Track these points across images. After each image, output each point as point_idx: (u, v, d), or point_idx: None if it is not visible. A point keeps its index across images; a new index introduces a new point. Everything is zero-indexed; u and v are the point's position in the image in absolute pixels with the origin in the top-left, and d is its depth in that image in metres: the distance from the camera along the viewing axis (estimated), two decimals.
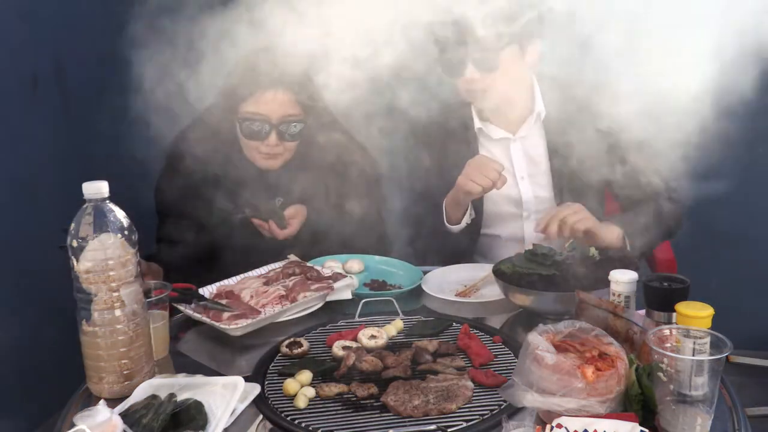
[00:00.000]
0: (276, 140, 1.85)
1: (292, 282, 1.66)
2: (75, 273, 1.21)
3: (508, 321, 1.58)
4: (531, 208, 1.97)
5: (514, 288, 1.50)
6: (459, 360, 1.33)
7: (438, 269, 1.84)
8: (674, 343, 1.09)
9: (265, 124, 1.83)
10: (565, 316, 1.41)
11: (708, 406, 1.06)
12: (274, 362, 1.37)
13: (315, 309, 1.62)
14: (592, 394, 1.08)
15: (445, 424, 1.13)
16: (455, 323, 1.51)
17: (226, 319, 1.50)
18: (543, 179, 1.95)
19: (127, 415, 1.13)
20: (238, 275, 1.75)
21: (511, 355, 1.37)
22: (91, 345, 1.24)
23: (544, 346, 1.15)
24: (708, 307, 1.17)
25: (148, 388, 1.22)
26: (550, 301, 1.47)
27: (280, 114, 1.84)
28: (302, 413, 1.19)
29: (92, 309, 1.22)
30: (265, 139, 1.85)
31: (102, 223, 1.20)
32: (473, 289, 1.73)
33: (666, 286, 1.28)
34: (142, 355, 1.28)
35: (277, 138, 1.85)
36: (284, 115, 1.84)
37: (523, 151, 1.95)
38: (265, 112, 1.83)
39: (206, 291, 1.66)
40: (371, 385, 1.25)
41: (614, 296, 1.37)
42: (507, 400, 1.17)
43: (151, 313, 1.36)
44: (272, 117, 1.83)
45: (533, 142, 1.94)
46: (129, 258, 1.23)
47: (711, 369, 1.05)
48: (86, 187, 1.21)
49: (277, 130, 1.84)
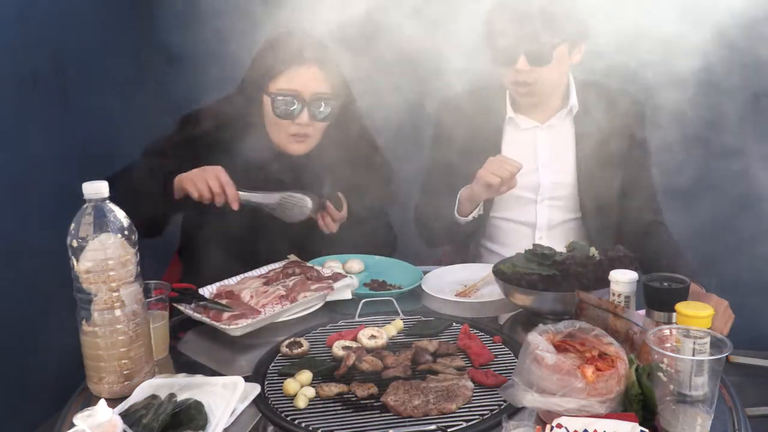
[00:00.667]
0: (308, 119, 1.83)
1: (292, 282, 1.66)
2: (75, 273, 1.21)
3: (508, 321, 1.58)
4: (546, 193, 1.98)
5: (514, 288, 1.50)
6: (459, 360, 1.33)
7: (438, 269, 1.84)
8: (674, 343, 1.09)
9: (298, 102, 1.82)
10: (565, 316, 1.41)
11: (708, 406, 1.06)
12: (274, 362, 1.37)
13: (315, 309, 1.62)
14: (592, 394, 1.08)
15: (445, 424, 1.14)
16: (455, 323, 1.51)
17: (226, 319, 1.50)
18: (564, 167, 1.98)
19: (127, 415, 1.13)
20: (238, 275, 1.75)
21: (511, 355, 1.37)
22: (91, 345, 1.24)
23: (544, 346, 1.15)
24: (708, 307, 1.16)
25: (148, 388, 1.22)
26: (550, 301, 1.47)
27: (312, 91, 1.82)
28: (302, 413, 1.19)
29: (92, 309, 1.22)
30: (297, 117, 1.83)
31: (102, 223, 1.20)
32: (473, 289, 1.73)
33: (666, 286, 1.28)
34: (142, 355, 1.28)
35: (308, 117, 1.83)
36: (316, 92, 1.83)
37: (548, 139, 1.99)
38: (298, 88, 1.82)
39: (206, 291, 1.66)
40: (371, 385, 1.25)
41: (614, 296, 1.37)
42: (507, 400, 1.18)
43: (151, 313, 1.37)
44: (305, 93, 1.82)
45: (560, 130, 1.98)
46: (129, 258, 1.23)
47: (711, 369, 1.05)
48: (86, 187, 1.21)
49: (309, 108, 1.83)
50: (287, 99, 1.82)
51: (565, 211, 1.99)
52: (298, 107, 1.82)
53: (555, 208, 1.99)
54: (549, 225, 1.99)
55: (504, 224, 2.04)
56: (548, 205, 1.99)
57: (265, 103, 1.85)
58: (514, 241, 1.97)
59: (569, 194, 1.98)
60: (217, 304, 1.56)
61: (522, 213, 2.01)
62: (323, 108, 1.84)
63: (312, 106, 1.83)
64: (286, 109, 1.82)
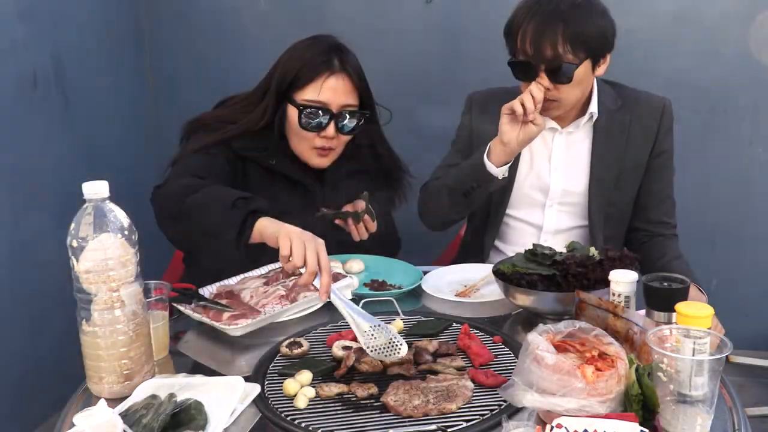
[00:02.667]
0: (334, 131, 1.77)
1: (292, 282, 1.66)
2: (75, 273, 1.21)
3: (508, 321, 1.58)
4: (556, 198, 1.97)
5: (514, 288, 1.50)
6: (459, 360, 1.33)
7: (438, 269, 1.84)
8: (674, 343, 1.09)
9: (325, 114, 1.75)
10: (565, 316, 1.41)
11: (708, 406, 1.06)
12: (274, 362, 1.37)
13: (315, 309, 1.62)
14: (592, 394, 1.08)
15: (445, 424, 1.13)
16: (455, 323, 1.51)
17: (226, 319, 1.50)
18: (577, 174, 1.96)
19: (127, 415, 1.13)
20: (238, 275, 1.75)
21: (511, 355, 1.37)
22: (91, 345, 1.24)
23: (544, 346, 1.15)
24: (708, 307, 1.16)
25: (148, 388, 1.22)
26: (550, 301, 1.47)
27: (340, 103, 1.76)
28: (302, 413, 1.19)
29: (92, 309, 1.22)
30: (323, 130, 1.77)
31: (102, 223, 1.20)
32: (473, 289, 1.73)
33: (666, 286, 1.28)
34: (142, 355, 1.28)
35: (335, 130, 1.78)
36: (344, 104, 1.77)
37: (565, 143, 1.96)
38: (326, 100, 1.75)
39: (206, 291, 1.66)
40: (371, 385, 1.25)
41: (614, 296, 1.37)
42: (507, 400, 1.17)
43: (151, 313, 1.37)
44: (332, 106, 1.76)
45: (578, 137, 1.95)
46: (129, 258, 1.23)
47: (711, 369, 1.05)
48: (86, 187, 1.21)
49: (336, 122, 1.77)
50: (314, 111, 1.75)
51: (574, 218, 1.98)
52: (325, 120, 1.76)
53: (564, 213, 1.98)
54: (556, 230, 1.97)
55: (514, 223, 2.03)
56: (557, 210, 1.97)
57: (290, 113, 1.79)
58: (522, 242, 1.94)
59: (579, 202, 1.96)
60: (217, 304, 1.55)
61: (530, 214, 2.00)
62: (349, 121, 1.79)
63: (339, 119, 1.78)
64: (312, 121, 1.76)
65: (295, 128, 1.79)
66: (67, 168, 2.49)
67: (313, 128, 1.77)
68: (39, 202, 2.42)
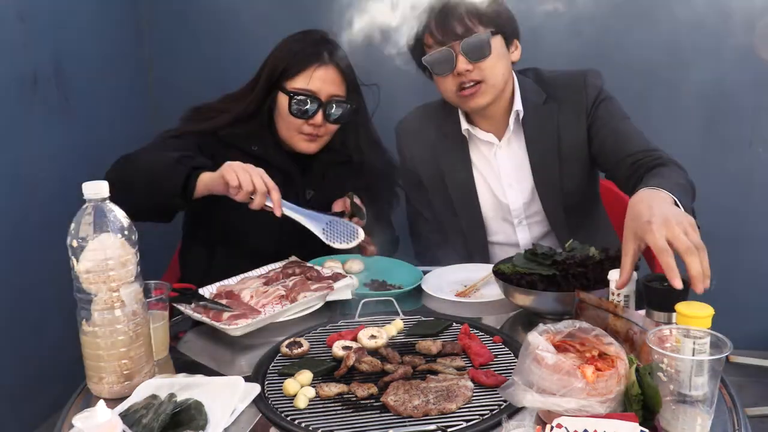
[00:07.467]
0: (321, 119, 1.86)
1: (292, 282, 1.66)
2: (75, 273, 1.21)
3: (508, 321, 1.58)
4: (521, 215, 1.98)
5: (514, 288, 1.50)
6: (459, 360, 1.33)
7: (438, 269, 1.84)
8: (674, 343, 1.09)
9: (313, 102, 1.84)
10: (565, 316, 1.41)
11: (708, 406, 1.06)
12: (274, 362, 1.37)
13: (315, 309, 1.62)
14: (592, 394, 1.08)
15: (445, 424, 1.13)
16: (455, 323, 1.51)
17: (226, 319, 1.50)
18: (527, 185, 1.95)
19: (127, 415, 1.13)
20: (238, 275, 1.75)
21: (511, 355, 1.37)
22: (91, 345, 1.24)
23: (544, 346, 1.15)
24: (708, 307, 1.16)
25: (148, 388, 1.22)
26: (550, 301, 1.47)
27: (328, 92, 1.86)
28: (302, 413, 1.19)
29: (92, 309, 1.22)
30: (311, 118, 1.86)
31: (102, 223, 1.20)
32: (473, 289, 1.73)
33: (666, 286, 1.28)
34: (142, 355, 1.28)
35: (322, 118, 1.86)
36: (332, 94, 1.87)
37: (508, 157, 1.95)
38: (315, 89, 1.85)
39: (206, 291, 1.66)
40: (371, 385, 1.25)
41: (614, 296, 1.37)
42: (507, 400, 1.17)
43: (151, 313, 1.36)
44: (321, 95, 1.85)
45: (518, 146, 1.94)
46: (129, 258, 1.23)
47: (711, 369, 1.05)
48: (86, 187, 1.21)
49: (324, 110, 1.86)
50: (304, 99, 1.84)
51: (544, 225, 1.99)
52: (314, 108, 1.85)
53: (534, 224, 1.99)
54: (533, 241, 1.96)
55: (496, 248, 2.04)
56: (526, 224, 1.98)
57: (280, 100, 1.88)
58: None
59: (540, 210, 1.96)
60: (217, 304, 1.56)
61: (505, 236, 2.01)
62: (336, 110, 1.87)
63: (327, 107, 1.86)
64: (302, 108, 1.85)
65: (285, 115, 1.87)
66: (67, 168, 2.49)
67: (302, 115, 1.86)
68: (39, 202, 2.42)
